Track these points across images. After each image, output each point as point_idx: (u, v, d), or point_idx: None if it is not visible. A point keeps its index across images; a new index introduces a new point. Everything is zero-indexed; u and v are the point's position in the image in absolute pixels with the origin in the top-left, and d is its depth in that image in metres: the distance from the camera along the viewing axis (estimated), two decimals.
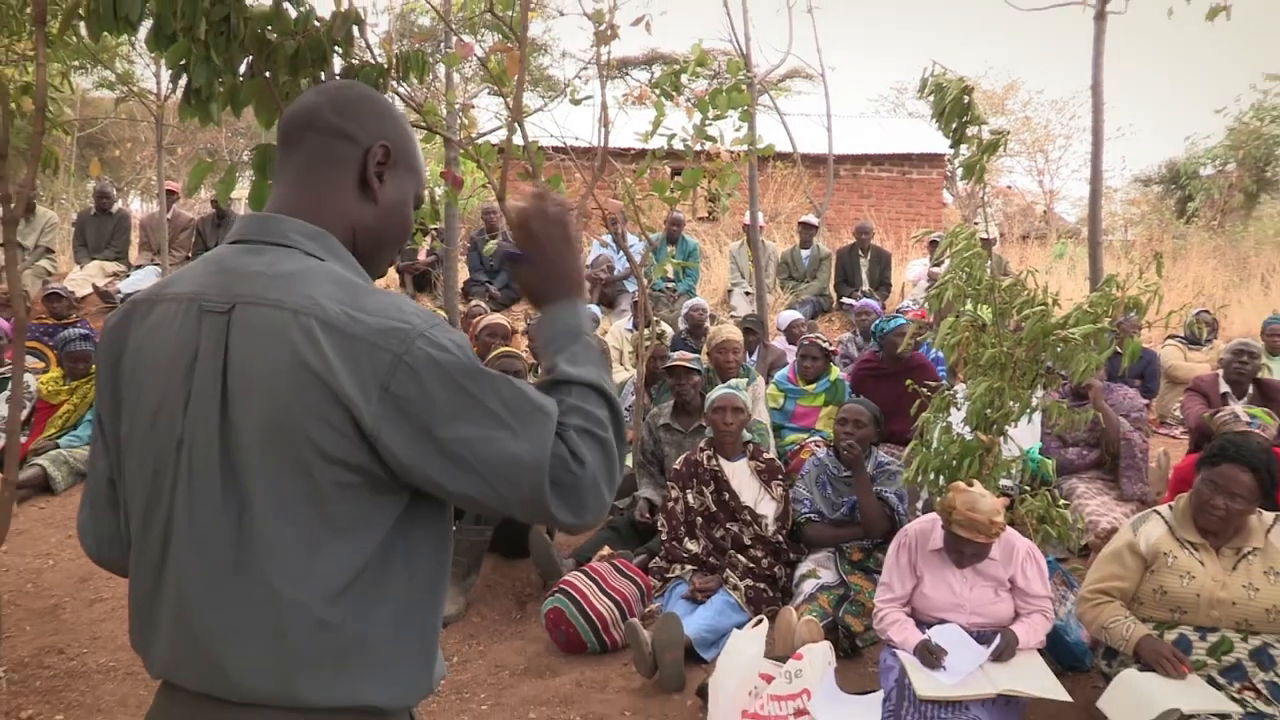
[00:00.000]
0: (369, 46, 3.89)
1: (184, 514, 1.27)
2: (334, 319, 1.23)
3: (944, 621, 3.61)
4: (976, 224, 6.34)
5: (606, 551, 4.74)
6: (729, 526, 4.62)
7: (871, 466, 4.65)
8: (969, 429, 4.15)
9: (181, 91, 3.33)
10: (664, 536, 4.72)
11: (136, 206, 19.27)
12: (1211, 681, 3.28)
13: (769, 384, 6.38)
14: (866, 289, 9.84)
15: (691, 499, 4.70)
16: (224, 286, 1.31)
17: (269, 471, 1.24)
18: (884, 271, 10.14)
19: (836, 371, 6.30)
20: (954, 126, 4.25)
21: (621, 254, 8.99)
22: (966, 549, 3.54)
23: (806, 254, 10.25)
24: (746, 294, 9.65)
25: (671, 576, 4.56)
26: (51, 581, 4.83)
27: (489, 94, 9.41)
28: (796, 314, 8.42)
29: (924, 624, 3.64)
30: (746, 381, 5.73)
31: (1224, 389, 5.79)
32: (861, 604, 4.20)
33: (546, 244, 1.47)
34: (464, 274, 9.94)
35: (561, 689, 3.95)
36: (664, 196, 5.60)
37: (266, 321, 1.25)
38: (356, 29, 3.53)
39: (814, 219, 10.43)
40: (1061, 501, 4.20)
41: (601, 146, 5.04)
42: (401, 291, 9.57)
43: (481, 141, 5.26)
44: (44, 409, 6.59)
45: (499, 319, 6.86)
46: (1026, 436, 4.91)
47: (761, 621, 3.95)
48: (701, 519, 4.67)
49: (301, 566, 1.24)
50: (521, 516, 1.30)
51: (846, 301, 9.66)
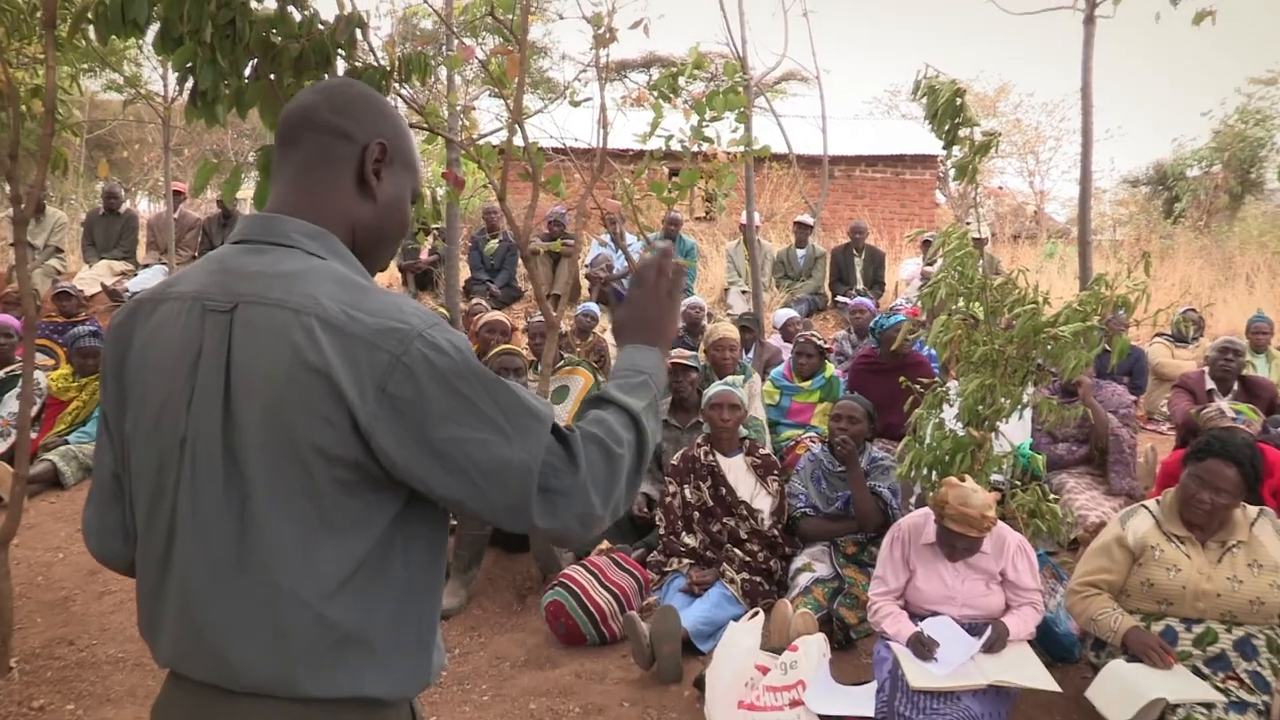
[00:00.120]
0: (372, 49, 3.89)
1: (188, 510, 1.27)
2: (334, 318, 1.23)
3: (936, 614, 3.61)
4: (968, 224, 6.34)
5: (605, 546, 4.75)
6: (726, 521, 4.63)
7: (865, 462, 4.65)
8: (961, 425, 4.15)
9: (188, 94, 3.33)
10: (662, 531, 4.72)
11: (144, 207, 19.28)
12: (1197, 671, 3.29)
13: (765, 381, 6.38)
14: (861, 288, 9.83)
15: (689, 494, 4.71)
16: (227, 286, 1.30)
17: (270, 469, 1.24)
18: (878, 270, 10.14)
19: (831, 369, 6.30)
20: (946, 128, 4.25)
21: (620, 253, 8.99)
22: (958, 543, 3.54)
23: (802, 253, 10.24)
24: (743, 292, 9.66)
25: (669, 570, 4.56)
26: (62, 574, 4.83)
27: (490, 96, 9.39)
28: (792, 312, 8.41)
29: (917, 616, 3.64)
30: (743, 378, 5.74)
31: (1210, 386, 5.80)
32: (855, 597, 4.21)
33: (651, 293, 1.54)
34: (465, 273, 9.93)
35: (561, 680, 3.95)
36: (662, 196, 5.60)
37: (269, 321, 1.25)
38: (359, 32, 3.53)
39: (809, 219, 10.42)
40: (1051, 496, 4.20)
41: (600, 147, 5.04)
42: (404, 290, 9.59)
43: (482, 142, 5.26)
44: (54, 405, 6.58)
45: (499, 316, 6.85)
46: (1017, 432, 4.91)
47: (757, 614, 3.95)
48: (699, 514, 4.67)
49: (301, 562, 1.24)
50: (506, 523, 1.27)
51: (841, 300, 9.65)
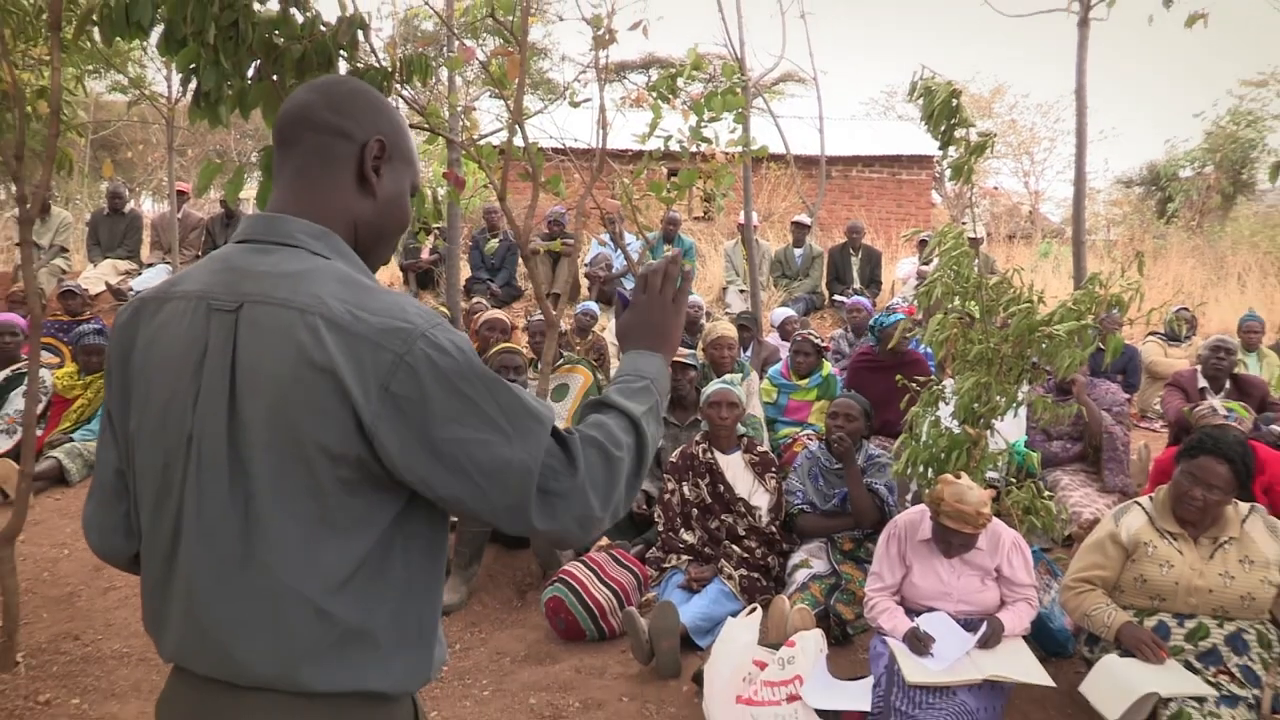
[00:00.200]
0: (373, 50, 3.89)
1: (193, 508, 1.27)
2: (338, 317, 1.23)
3: (932, 609, 3.61)
4: (964, 224, 6.34)
5: (604, 542, 4.74)
6: (724, 518, 4.62)
7: (862, 459, 4.65)
8: (957, 423, 4.15)
9: (191, 95, 3.33)
10: (661, 527, 4.72)
11: (148, 206, 19.25)
12: (1189, 666, 3.30)
13: (763, 379, 6.38)
14: (858, 287, 9.84)
15: (687, 491, 4.70)
16: (231, 285, 1.30)
17: (274, 467, 1.23)
18: (875, 270, 10.14)
19: (828, 367, 6.30)
20: (942, 129, 4.25)
21: (619, 252, 8.99)
22: (954, 539, 3.54)
23: (799, 253, 10.25)
24: (741, 291, 9.66)
25: (668, 566, 4.56)
26: (67, 570, 4.83)
27: (490, 97, 9.38)
28: (789, 311, 8.41)
29: (913, 612, 3.64)
30: (741, 377, 5.74)
31: (1202, 384, 5.80)
32: (852, 593, 4.21)
33: (656, 299, 1.55)
34: (466, 272, 9.93)
35: (561, 675, 3.95)
36: (661, 196, 5.60)
37: (274, 320, 1.25)
38: (361, 33, 3.53)
39: (806, 219, 10.43)
40: (1046, 493, 4.20)
41: (600, 148, 5.03)
42: (405, 289, 9.59)
43: (483, 143, 5.25)
44: (59, 403, 6.58)
45: (499, 314, 6.85)
46: (1012, 430, 4.91)
47: (755, 610, 3.95)
48: (697, 510, 4.67)
49: (304, 560, 1.24)
50: (505, 524, 1.27)
51: (838, 299, 9.66)
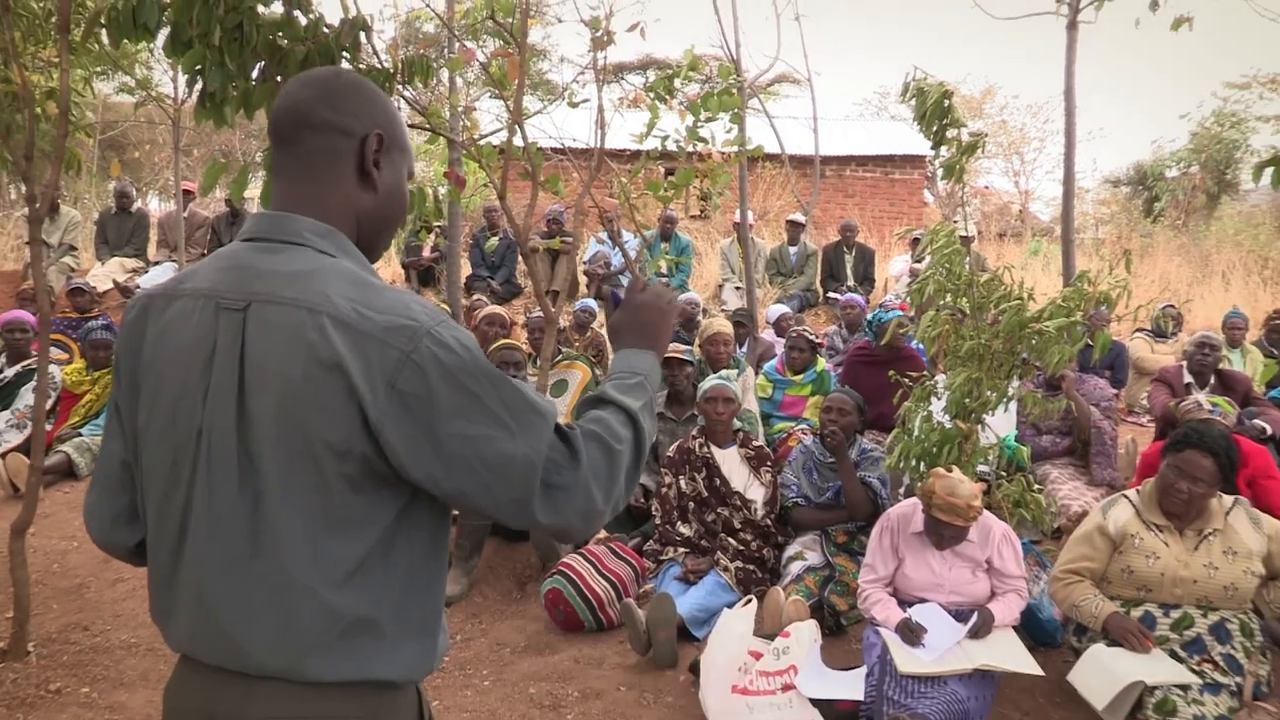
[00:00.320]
0: (375, 52, 3.88)
1: (202, 502, 1.27)
2: (345, 316, 1.23)
3: (924, 600, 3.62)
4: (956, 222, 6.33)
5: (603, 535, 4.74)
6: (720, 511, 4.63)
7: (855, 453, 4.65)
8: (948, 418, 4.15)
9: (197, 96, 3.33)
10: (658, 520, 4.72)
11: (155, 206, 19.21)
12: (1174, 655, 3.31)
13: (758, 375, 6.38)
14: (851, 284, 9.84)
15: (684, 485, 4.70)
16: (239, 284, 1.30)
17: (282, 464, 1.23)
18: (868, 267, 10.14)
19: (823, 363, 6.30)
20: (934, 129, 4.25)
21: (617, 250, 8.98)
22: (946, 531, 3.55)
23: (794, 250, 10.25)
24: (737, 289, 9.65)
25: (665, 558, 4.56)
26: (76, 562, 4.83)
27: (490, 97, 9.36)
28: (784, 308, 8.42)
29: (905, 603, 3.65)
30: (737, 372, 5.73)
31: (1188, 379, 5.80)
32: (846, 584, 4.21)
33: (652, 300, 1.58)
34: (466, 269, 9.92)
35: (560, 665, 3.96)
36: (658, 195, 5.58)
37: (282, 319, 1.25)
38: (363, 35, 3.52)
39: (801, 217, 10.43)
40: (1035, 486, 4.21)
41: (598, 147, 5.02)
42: (407, 286, 9.58)
43: (483, 143, 5.25)
44: (68, 398, 6.58)
45: (498, 310, 6.84)
46: (1003, 425, 4.92)
47: (751, 601, 3.96)
48: (694, 504, 4.67)
49: (311, 554, 1.24)
50: (510, 518, 1.28)
51: (832, 296, 9.65)
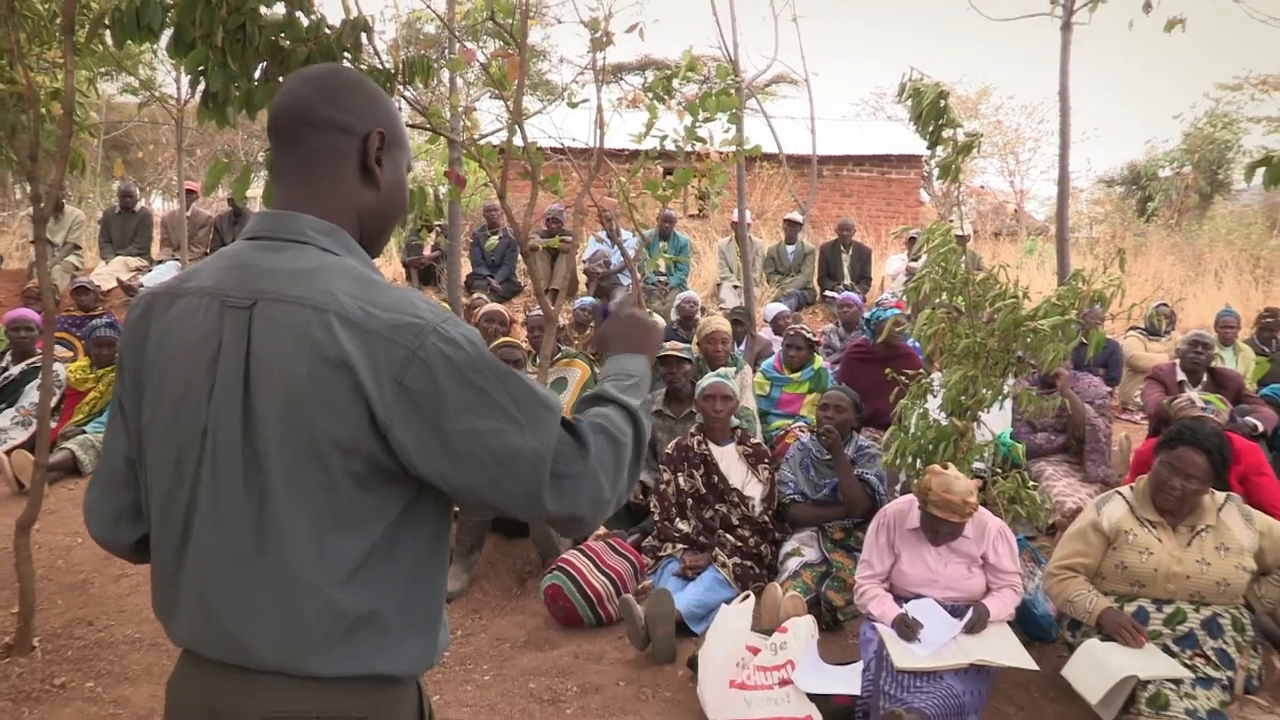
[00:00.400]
0: (376, 53, 3.88)
1: (207, 500, 1.27)
2: (351, 314, 1.23)
3: (920, 596, 3.62)
4: (951, 221, 6.34)
5: (602, 531, 4.74)
6: (718, 507, 4.62)
7: (852, 450, 4.65)
8: (944, 415, 4.15)
9: (200, 96, 3.32)
10: (656, 517, 4.72)
11: (158, 205, 19.16)
12: (1166, 650, 3.31)
13: (756, 372, 6.37)
14: (848, 283, 9.83)
15: (683, 481, 4.70)
16: (244, 283, 1.29)
17: (288, 462, 1.23)
18: (865, 266, 10.13)
19: (820, 361, 6.30)
20: (930, 129, 4.25)
21: (616, 249, 8.98)
22: (941, 528, 3.55)
23: (791, 249, 10.24)
24: (735, 287, 9.64)
25: (663, 554, 4.56)
26: (80, 558, 4.82)
27: (490, 97, 9.35)
28: (782, 306, 8.41)
29: (901, 598, 3.64)
30: (734, 370, 5.73)
31: (1181, 377, 5.80)
32: (843, 580, 4.21)
33: (639, 314, 1.62)
34: (467, 268, 9.90)
35: (559, 660, 3.95)
36: (656, 195, 5.58)
37: (288, 317, 1.24)
38: (364, 36, 3.52)
39: (798, 216, 10.41)
40: (1030, 483, 4.20)
41: (597, 147, 5.02)
42: (408, 285, 9.56)
43: (483, 142, 5.24)
44: (72, 396, 6.57)
45: (498, 308, 6.84)
46: (998, 422, 4.91)
47: (748, 597, 3.95)
48: (692, 500, 4.67)
49: (316, 551, 1.24)
50: (520, 510, 1.28)
51: (829, 294, 9.64)
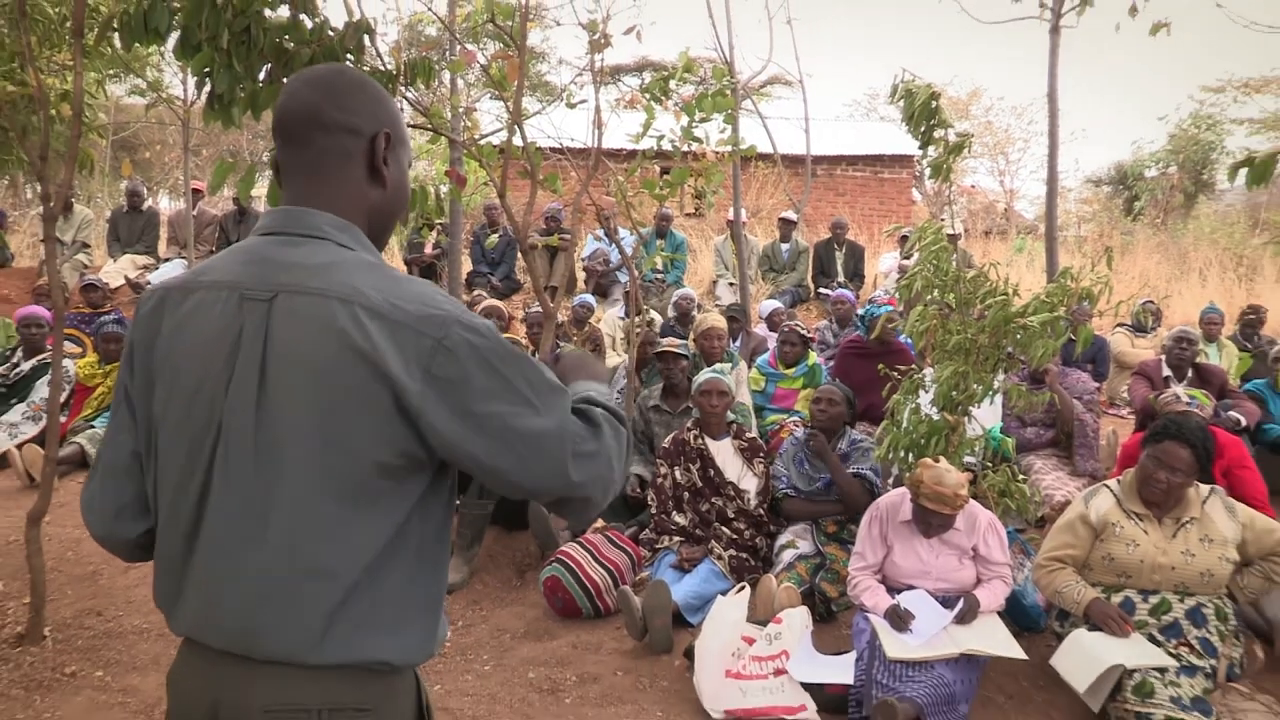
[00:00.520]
0: (379, 54, 3.87)
1: (220, 489, 1.27)
2: (378, 306, 1.24)
3: (912, 587, 3.62)
4: (943, 220, 6.33)
5: (600, 524, 4.74)
6: (714, 501, 4.62)
7: (846, 444, 4.65)
8: (936, 410, 4.15)
9: (206, 97, 3.31)
10: (653, 510, 4.72)
11: (165, 204, 19.15)
12: (1152, 639, 3.32)
13: (751, 368, 6.37)
14: (842, 280, 9.82)
15: (679, 475, 4.70)
16: (264, 276, 1.29)
17: (306, 452, 1.23)
18: (858, 264, 10.12)
19: (814, 356, 6.30)
20: (922, 129, 4.24)
21: (614, 247, 8.97)
22: (933, 520, 3.55)
23: (786, 247, 10.23)
24: (730, 285, 9.63)
25: (660, 547, 4.56)
26: (90, 550, 4.81)
27: (490, 98, 9.33)
28: (777, 303, 8.40)
29: (894, 590, 3.65)
30: (730, 366, 5.73)
31: (1166, 373, 5.80)
32: (836, 572, 4.21)
33: (589, 355, 1.65)
34: (467, 266, 9.89)
35: (558, 651, 3.96)
36: (653, 194, 5.57)
37: (312, 309, 1.25)
38: (367, 38, 3.51)
39: (793, 215, 10.40)
40: (1020, 477, 4.21)
41: (595, 147, 5.01)
42: None
43: (484, 142, 5.23)
44: (81, 391, 6.56)
45: (497, 304, 6.84)
46: (988, 417, 4.91)
47: (744, 588, 3.96)
48: (688, 494, 4.67)
49: (326, 540, 1.24)
50: (546, 488, 1.30)
51: (823, 292, 9.64)
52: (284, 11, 3.35)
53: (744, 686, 3.43)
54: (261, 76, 3.34)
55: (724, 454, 4.72)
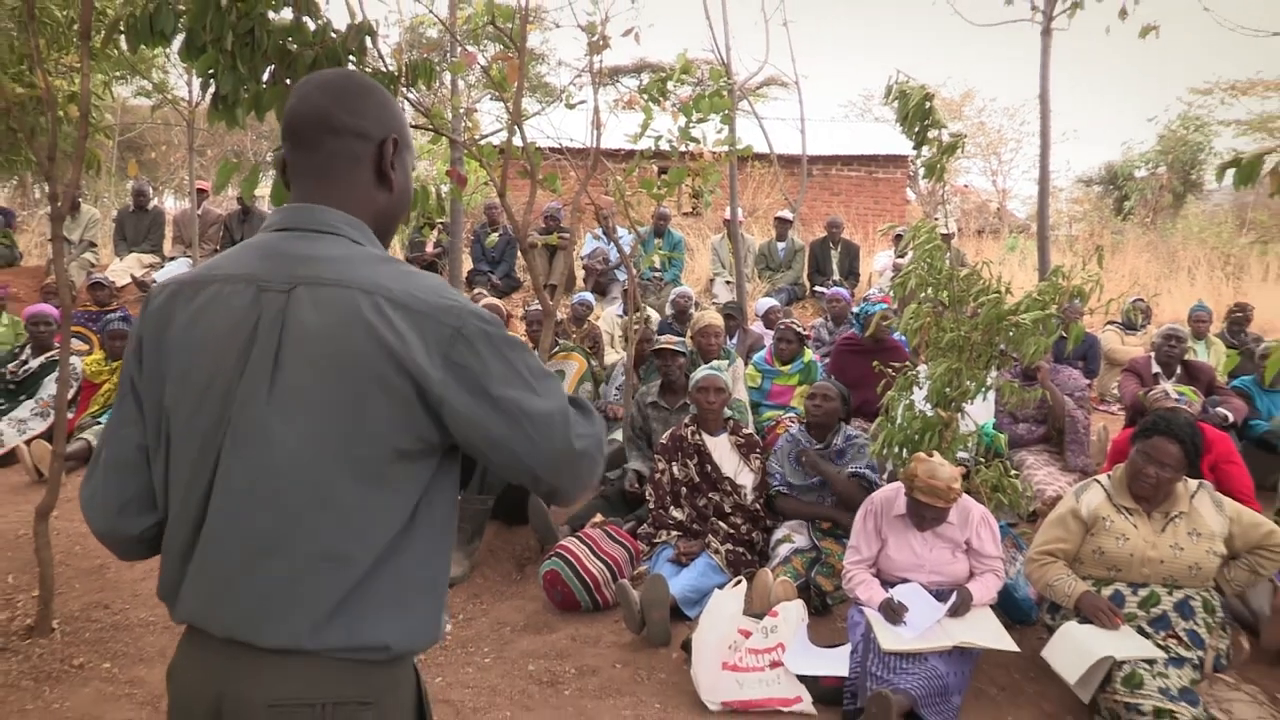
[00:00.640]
0: (381, 56, 3.86)
1: (227, 477, 1.26)
2: (401, 298, 1.27)
3: (906, 581, 3.62)
4: (936, 219, 6.33)
5: (598, 519, 4.74)
6: (711, 496, 4.63)
7: (841, 440, 4.65)
8: (930, 406, 4.15)
9: (210, 98, 3.31)
10: (651, 505, 4.72)
11: (170, 204, 19.10)
12: (1141, 631, 3.32)
13: (748, 365, 6.37)
14: (837, 278, 9.82)
15: (677, 471, 4.70)
16: (281, 269, 1.30)
17: (324, 439, 1.24)
18: (853, 262, 10.12)
19: (810, 354, 6.30)
20: (916, 130, 4.25)
21: (613, 246, 8.96)
22: (927, 513, 3.55)
23: (782, 246, 10.23)
24: (727, 283, 9.63)
25: (658, 541, 4.56)
26: (97, 544, 4.71)
27: (491, 99, 9.32)
28: (773, 301, 8.40)
29: (888, 583, 3.65)
30: (727, 363, 5.73)
31: (1156, 370, 5.81)
32: (831, 566, 4.22)
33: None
34: (468, 264, 9.87)
35: (557, 643, 3.96)
36: (651, 193, 5.58)
37: (332, 300, 1.26)
38: (369, 40, 3.50)
39: (789, 214, 10.40)
40: (1012, 472, 4.21)
41: (594, 147, 5.01)
42: None
43: (484, 143, 5.23)
44: (88, 388, 6.56)
45: (497, 301, 6.84)
46: (981, 413, 4.92)
47: (740, 582, 3.96)
48: (686, 489, 4.67)
49: (338, 526, 1.25)
50: (551, 467, 1.33)
51: (819, 290, 9.65)
52: (287, 14, 3.35)
53: (740, 678, 3.43)
54: (265, 78, 3.33)
55: (721, 450, 4.72)
